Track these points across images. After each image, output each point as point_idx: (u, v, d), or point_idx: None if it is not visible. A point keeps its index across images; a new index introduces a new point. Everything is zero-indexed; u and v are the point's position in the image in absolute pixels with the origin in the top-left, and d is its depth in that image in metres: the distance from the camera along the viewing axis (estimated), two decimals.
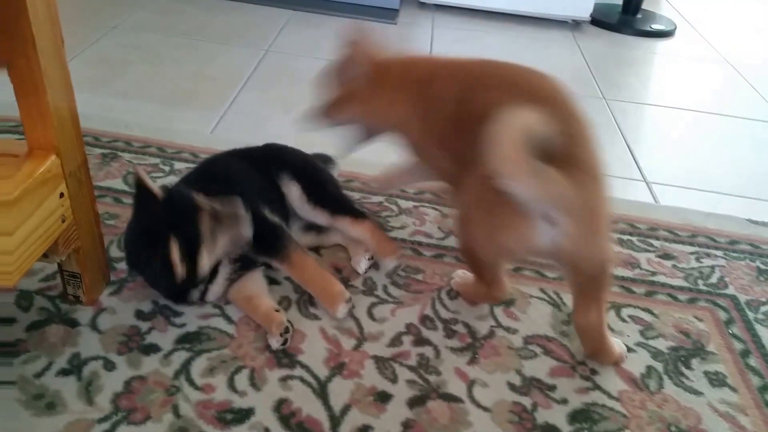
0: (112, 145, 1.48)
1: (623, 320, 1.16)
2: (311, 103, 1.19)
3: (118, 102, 1.71)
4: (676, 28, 2.75)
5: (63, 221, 0.93)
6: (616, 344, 1.06)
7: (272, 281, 1.15)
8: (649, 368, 1.06)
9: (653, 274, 1.28)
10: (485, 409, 0.96)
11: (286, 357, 1.01)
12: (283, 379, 0.97)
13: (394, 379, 1.00)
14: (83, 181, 0.97)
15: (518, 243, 0.94)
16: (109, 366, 0.96)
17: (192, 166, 1.34)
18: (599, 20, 2.69)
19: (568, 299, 1.17)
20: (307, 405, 0.94)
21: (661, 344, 1.11)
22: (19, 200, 0.83)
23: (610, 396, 1.01)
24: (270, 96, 1.84)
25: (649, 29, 2.67)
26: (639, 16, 2.76)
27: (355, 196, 1.40)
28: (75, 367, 0.96)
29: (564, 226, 0.88)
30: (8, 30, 0.81)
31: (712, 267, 1.30)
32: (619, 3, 2.82)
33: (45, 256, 0.93)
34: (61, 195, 0.92)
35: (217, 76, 1.92)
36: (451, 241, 1.29)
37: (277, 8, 2.52)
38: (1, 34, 0.81)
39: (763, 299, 1.23)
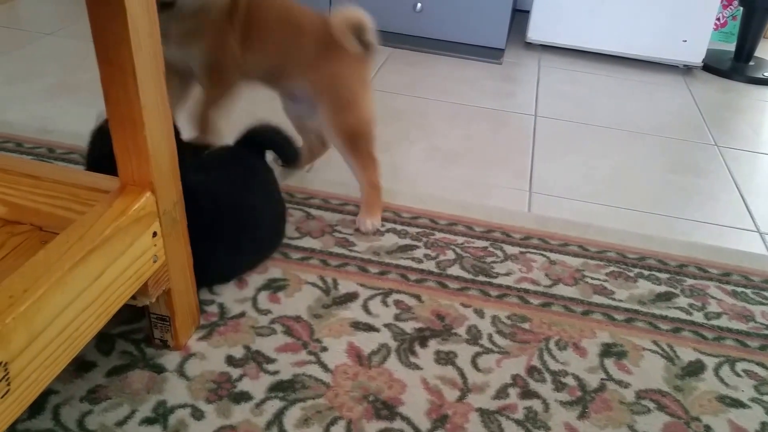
0: None
1: (737, 375, 1.08)
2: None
3: None
4: None
5: (154, 261, 0.89)
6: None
7: (369, 328, 1.10)
8: (764, 424, 0.99)
9: None
10: None
11: (385, 408, 0.94)
12: None
13: None
14: (178, 219, 0.93)
15: None
16: (198, 415, 0.91)
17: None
18: (711, 66, 2.61)
19: (681, 352, 1.11)
20: None
21: None
22: (109, 239, 0.79)
23: None
24: None
25: (762, 77, 2.58)
26: (752, 63, 2.67)
27: (458, 240, 1.35)
28: (160, 416, 0.91)
29: None
30: (108, 59, 0.78)
31: None
32: (731, 50, 2.74)
33: (133, 297, 0.89)
34: (154, 234, 0.88)
35: None
36: (560, 290, 1.23)
37: None
38: (100, 62, 0.78)
39: None
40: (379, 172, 1.36)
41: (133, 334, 1.04)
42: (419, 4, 2.47)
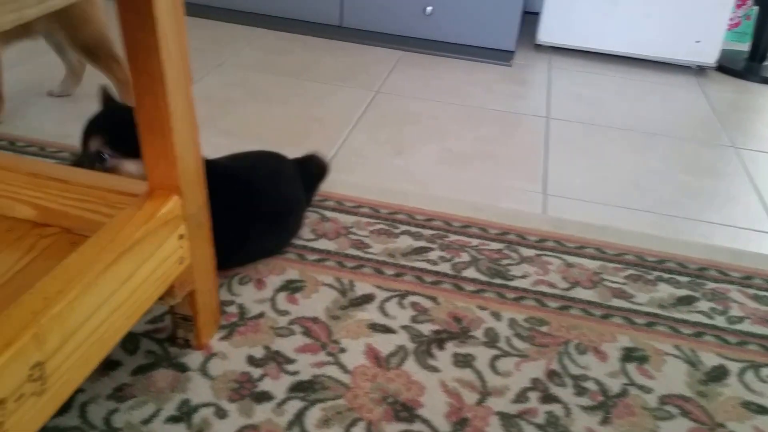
0: None
1: (762, 380, 1.07)
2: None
3: (223, 140, 1.70)
4: None
5: (181, 263, 0.91)
6: None
7: (386, 329, 1.11)
8: None
9: None
10: None
11: (404, 410, 0.96)
12: None
13: None
14: (203, 222, 0.94)
15: None
16: (221, 414, 0.93)
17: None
18: (725, 67, 2.61)
19: (704, 357, 1.11)
20: None
21: None
22: (139, 241, 0.80)
23: None
24: (381, 138, 1.81)
25: None
26: (766, 63, 2.67)
27: (472, 242, 1.35)
28: (185, 414, 0.92)
29: None
30: (138, 66, 0.79)
31: None
32: (745, 50, 2.74)
33: (160, 298, 0.90)
34: (181, 237, 0.89)
35: (326, 117, 1.90)
36: (578, 293, 1.23)
37: (386, 49, 2.52)
38: (133, 71, 0.80)
39: None
40: (126, 67, 1.54)
41: (157, 333, 1.05)
42: (429, 7, 2.48)
